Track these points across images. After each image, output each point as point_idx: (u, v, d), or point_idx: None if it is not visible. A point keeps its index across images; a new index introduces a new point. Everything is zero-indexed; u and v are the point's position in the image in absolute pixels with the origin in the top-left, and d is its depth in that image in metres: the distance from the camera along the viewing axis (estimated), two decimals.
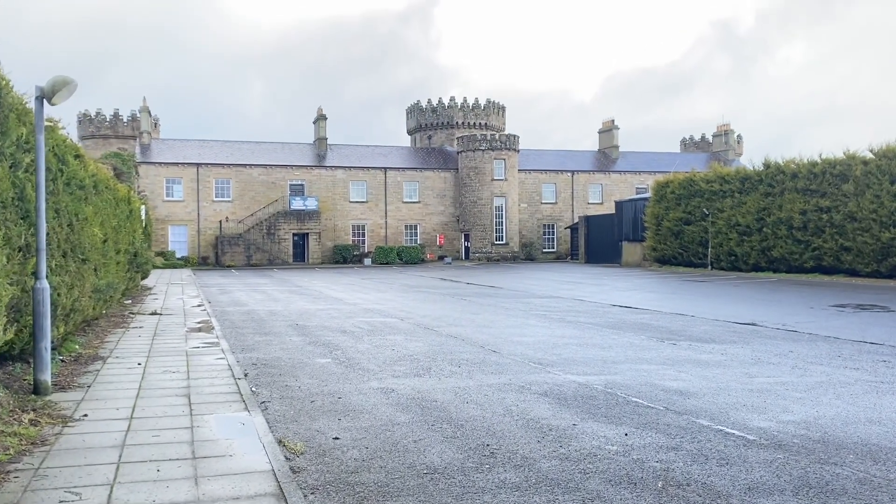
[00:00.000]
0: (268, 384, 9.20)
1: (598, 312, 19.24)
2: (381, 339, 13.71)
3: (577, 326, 16.09)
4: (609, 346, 13.07)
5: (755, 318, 17.79)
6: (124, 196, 18.48)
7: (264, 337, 13.94)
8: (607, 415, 7.81)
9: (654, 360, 11.56)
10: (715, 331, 15.44)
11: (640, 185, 66.95)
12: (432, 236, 61.93)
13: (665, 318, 17.78)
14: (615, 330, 15.47)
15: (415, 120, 71.96)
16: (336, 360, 11.33)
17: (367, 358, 11.48)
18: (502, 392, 8.88)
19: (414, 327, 15.77)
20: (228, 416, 7.04)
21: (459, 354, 11.92)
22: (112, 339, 12.23)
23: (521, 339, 13.88)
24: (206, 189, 56.66)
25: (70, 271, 9.40)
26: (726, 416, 7.80)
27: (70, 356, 9.95)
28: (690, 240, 39.78)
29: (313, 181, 58.97)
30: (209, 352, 11.22)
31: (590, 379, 9.85)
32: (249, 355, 11.58)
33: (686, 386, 9.46)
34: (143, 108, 58.22)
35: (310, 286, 30.57)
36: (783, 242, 33.80)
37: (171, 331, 13.93)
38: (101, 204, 13.52)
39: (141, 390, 8.06)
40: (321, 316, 18.18)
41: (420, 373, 10.20)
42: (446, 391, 8.90)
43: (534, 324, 16.58)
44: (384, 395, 8.70)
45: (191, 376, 9.01)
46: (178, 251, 55.30)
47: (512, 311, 19.38)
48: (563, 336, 14.42)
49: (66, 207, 9.53)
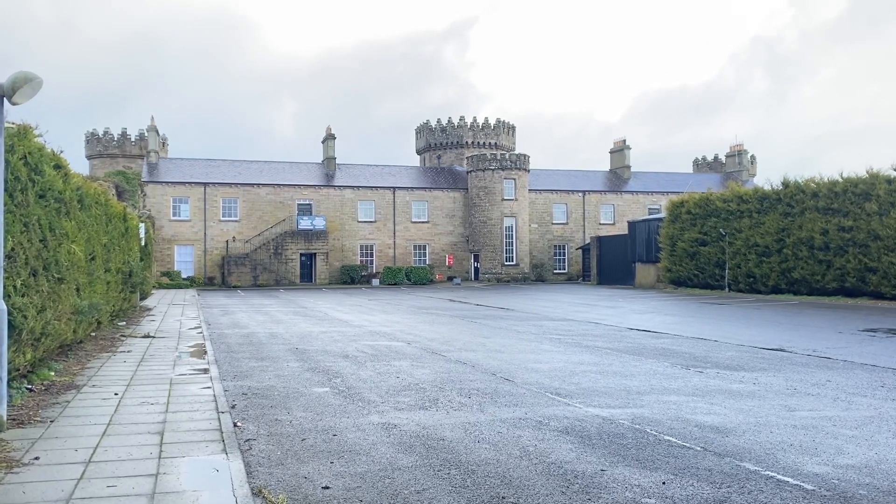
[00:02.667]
0: (256, 418, 8.26)
1: (615, 337, 18.25)
2: (385, 366, 12.77)
3: (595, 352, 15.11)
4: (631, 375, 12.09)
5: (782, 343, 16.79)
6: (119, 213, 17.68)
7: (260, 362, 13.02)
8: (639, 457, 6.83)
9: (682, 391, 10.58)
10: (742, 357, 14.44)
11: (652, 206, 65.94)
12: (441, 257, 61.03)
13: (687, 343, 16.77)
14: (635, 356, 14.49)
15: (424, 139, 71.37)
16: (335, 389, 10.39)
17: (368, 387, 10.53)
18: (518, 429, 7.92)
19: (421, 352, 14.83)
20: (202, 460, 6.08)
21: (470, 383, 10.96)
22: (94, 365, 11.32)
23: (535, 366, 12.92)
24: (213, 208, 56.05)
25: (41, 291, 8.52)
26: (774, 459, 6.81)
27: (41, 385, 9.05)
28: (707, 261, 38.68)
29: (321, 201, 58.28)
30: (196, 380, 10.29)
31: (614, 413, 8.88)
32: (240, 384, 10.65)
33: (722, 421, 8.48)
34: (151, 126, 57.82)
35: (315, 307, 29.67)
36: (804, 263, 32.67)
37: (161, 356, 13.02)
38: (88, 220, 12.70)
39: (110, 426, 7.13)
40: (323, 339, 17.26)
41: (426, 405, 9.24)
42: (455, 427, 7.94)
43: (548, 349, 15.61)
44: (385, 431, 7.74)
45: (170, 409, 8.07)
46: (184, 271, 54.57)
47: (524, 335, 18.41)
48: (581, 363, 13.45)
49: (39, 221, 8.68)
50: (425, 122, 71.12)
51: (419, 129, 72.56)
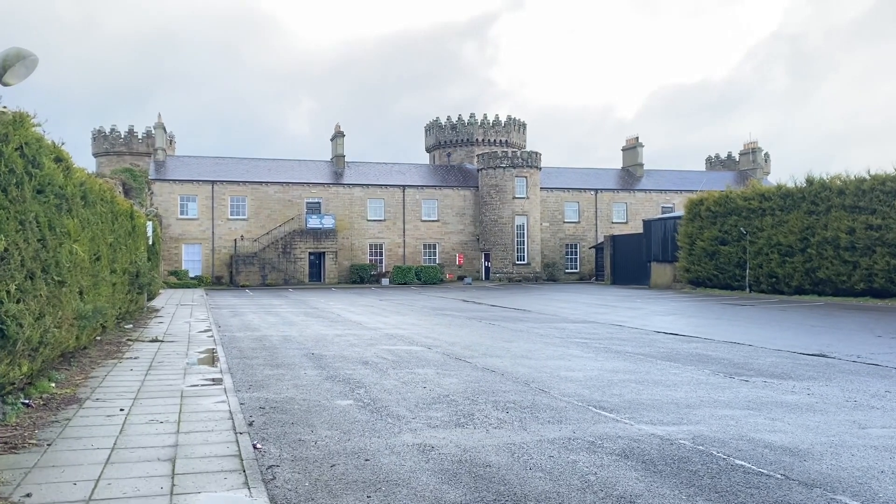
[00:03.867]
0: (277, 438, 7.43)
1: (643, 340, 17.40)
2: (408, 374, 11.94)
3: (627, 357, 14.26)
4: (673, 384, 11.23)
5: (822, 347, 15.91)
6: (125, 210, 16.88)
7: (276, 370, 12.19)
8: (717, 488, 5.97)
9: (734, 403, 9.73)
10: (784, 363, 13.58)
11: (665, 205, 64.95)
12: (451, 256, 60.18)
13: (721, 348, 15.91)
14: (671, 362, 13.63)
15: (434, 137, 70.49)
16: (359, 401, 9.55)
17: (395, 399, 9.70)
18: (570, 451, 7.07)
19: (443, 358, 14.00)
20: (221, 498, 5.23)
21: (503, 394, 10.12)
22: (98, 374, 10.50)
23: (568, 374, 12.08)
24: (221, 207, 55.31)
25: (40, 296, 7.71)
26: (871, 492, 5.95)
27: (40, 399, 8.24)
28: (727, 261, 37.69)
29: (330, 199, 57.49)
30: (209, 392, 9.46)
31: (670, 431, 8.03)
32: (257, 395, 9.82)
33: (791, 441, 7.62)
34: (158, 124, 57.09)
35: (327, 308, 28.87)
36: (829, 263, 31.67)
37: (170, 363, 12.20)
38: (93, 218, 11.90)
39: (114, 451, 6.30)
40: (339, 343, 16.44)
41: (461, 420, 8.41)
42: (500, 450, 7.10)
43: (577, 354, 14.76)
44: (422, 454, 6.91)
45: (181, 428, 7.24)
46: (192, 270, 53.84)
47: (548, 339, 17.56)
48: (616, 370, 12.60)
49: (37, 219, 7.87)
50: (435, 120, 70.24)
51: (429, 126, 71.67)
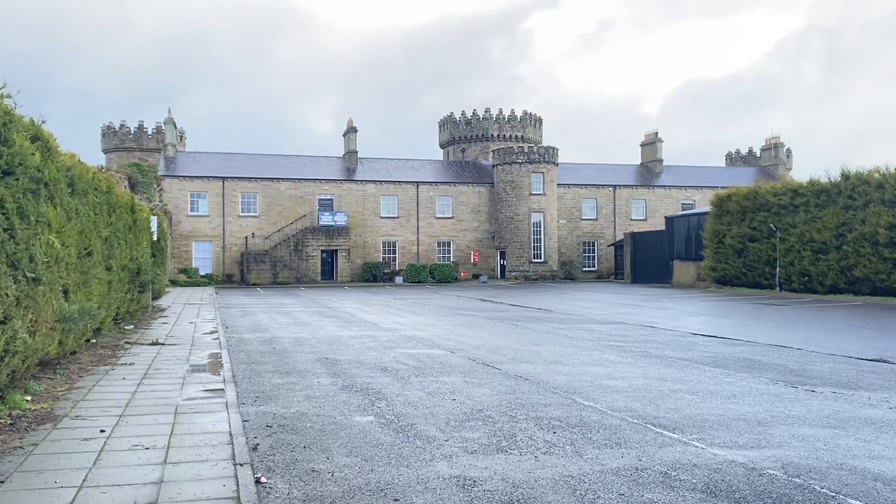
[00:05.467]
0: (286, 467, 6.17)
1: (681, 343, 16.08)
2: (433, 382, 10.67)
3: (669, 363, 12.95)
4: (732, 395, 9.93)
5: (879, 352, 14.58)
6: (125, 203, 15.68)
7: (285, 378, 10.94)
8: None
9: (811, 420, 8.43)
10: (846, 370, 12.26)
11: (685, 201, 63.34)
12: (466, 254, 58.85)
13: (770, 352, 14.57)
14: (720, 369, 12.32)
15: (448, 133, 69.19)
16: (381, 417, 8.29)
17: (422, 414, 8.43)
18: (642, 487, 5.77)
19: (469, 363, 12.73)
20: None
21: (544, 409, 8.84)
22: (85, 385, 9.28)
23: (611, 384, 10.79)
24: (232, 204, 54.21)
25: (4, 296, 6.50)
26: None
27: (8, 417, 7.03)
28: (756, 258, 36.13)
29: (343, 196, 56.29)
30: (208, 406, 8.21)
31: (752, 457, 6.73)
32: (263, 409, 8.57)
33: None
34: (168, 119, 56.03)
35: (340, 307, 27.65)
36: (867, 261, 30.09)
37: (168, 369, 10.97)
38: (83, 208, 10.70)
39: (81, 492, 5.02)
40: (355, 346, 15.20)
41: (503, 444, 7.13)
42: (557, 485, 5.81)
43: (614, 359, 13.46)
44: (464, 491, 5.62)
45: (170, 457, 5.98)
46: (202, 268, 52.77)
47: (578, 342, 16.26)
48: (662, 378, 11.30)
49: (2, 203, 6.65)
50: (449, 115, 68.94)
51: (443, 122, 70.38)
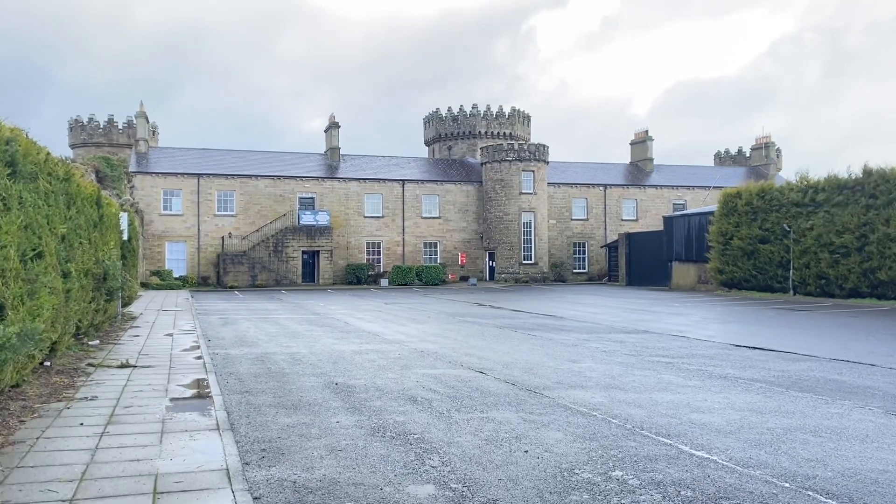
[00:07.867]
0: None
1: (733, 358, 14.01)
2: (483, 421, 8.38)
3: (744, 386, 10.84)
4: (866, 437, 7.84)
5: None
6: (89, 195, 13.16)
7: (294, 416, 8.56)
8: None
9: None
10: None
11: (677, 201, 61.69)
12: (454, 255, 56.59)
13: (845, 370, 12.54)
14: (811, 394, 10.23)
15: (433, 129, 66.88)
16: (443, 486, 5.97)
17: (496, 480, 6.13)
18: None
19: (510, 389, 10.48)
20: None
21: (652, 464, 6.61)
22: (26, 437, 6.84)
23: (701, 419, 8.61)
24: (208, 202, 51.40)
25: None
26: None
27: None
28: (767, 260, 34.25)
29: (325, 194, 53.72)
30: (200, 478, 5.81)
31: None
32: (278, 474, 6.19)
33: None
34: (140, 112, 53.01)
35: (329, 313, 25.24)
36: (892, 263, 28.32)
37: (142, 406, 8.53)
38: (30, 197, 8.26)
39: None
40: (363, 365, 12.85)
41: None
42: None
43: (677, 382, 11.30)
44: None
45: None
46: (176, 270, 49.87)
47: (616, 356, 14.09)
48: (756, 410, 9.15)
49: None
50: (435, 111, 66.63)
51: (428, 118, 68.05)
